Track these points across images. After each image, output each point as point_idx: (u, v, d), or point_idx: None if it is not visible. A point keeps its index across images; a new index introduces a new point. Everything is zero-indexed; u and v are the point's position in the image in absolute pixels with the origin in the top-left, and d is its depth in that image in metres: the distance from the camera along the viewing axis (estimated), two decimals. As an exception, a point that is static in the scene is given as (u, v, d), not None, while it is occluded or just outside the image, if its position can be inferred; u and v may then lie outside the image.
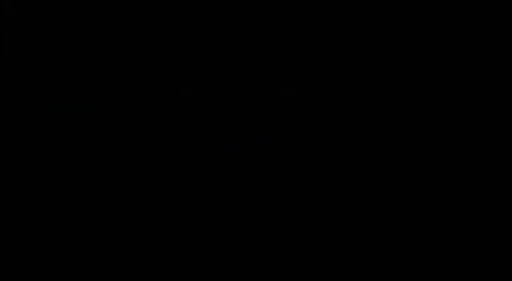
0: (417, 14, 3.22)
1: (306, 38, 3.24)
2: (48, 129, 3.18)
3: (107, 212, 3.14)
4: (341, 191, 3.16)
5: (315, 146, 3.19)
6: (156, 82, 3.23)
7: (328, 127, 3.20)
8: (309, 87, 3.22)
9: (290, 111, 3.21)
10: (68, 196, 3.15)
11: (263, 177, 3.17)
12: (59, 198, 3.14)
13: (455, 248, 3.09)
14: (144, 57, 3.23)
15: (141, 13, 3.24)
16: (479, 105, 3.19)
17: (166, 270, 3.10)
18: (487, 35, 3.21)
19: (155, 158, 3.18)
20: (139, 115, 3.20)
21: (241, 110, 3.22)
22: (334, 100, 3.21)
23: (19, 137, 3.18)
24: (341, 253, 3.11)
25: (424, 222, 3.12)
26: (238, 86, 3.23)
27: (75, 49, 3.23)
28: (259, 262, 3.11)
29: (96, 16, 3.23)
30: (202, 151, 3.19)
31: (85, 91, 3.22)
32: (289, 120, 3.20)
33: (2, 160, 3.16)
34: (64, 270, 3.08)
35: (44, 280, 3.08)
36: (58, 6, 3.23)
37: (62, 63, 3.22)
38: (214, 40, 3.24)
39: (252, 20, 3.24)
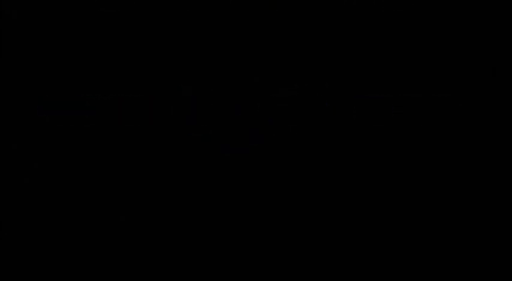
0: (417, 14, 3.22)
1: (305, 38, 3.24)
2: (48, 129, 3.18)
3: (107, 212, 3.14)
4: (341, 191, 3.16)
5: (315, 146, 3.19)
6: (156, 82, 3.23)
7: (328, 127, 3.19)
8: (309, 87, 3.22)
9: (290, 111, 3.21)
10: (68, 196, 3.15)
11: (263, 177, 3.17)
12: (59, 198, 3.14)
13: (455, 248, 3.09)
14: (144, 57, 3.23)
15: (141, 13, 3.24)
16: (479, 105, 3.19)
17: (166, 270, 3.10)
18: (487, 35, 3.21)
19: (155, 158, 3.18)
20: (139, 115, 3.20)
21: (241, 110, 3.22)
22: (334, 100, 3.21)
23: (19, 137, 3.18)
24: (341, 253, 3.11)
25: (424, 222, 3.12)
26: (238, 86, 3.23)
27: (75, 49, 3.23)
28: (259, 261, 3.11)
29: (96, 16, 3.23)
30: (202, 151, 3.18)
31: (85, 91, 3.22)
32: (289, 120, 3.20)
33: (2, 160, 3.16)
34: (64, 270, 3.08)
35: (44, 280, 3.08)
36: (58, 6, 3.23)
37: (62, 63, 3.22)
38: (214, 40, 3.24)
39: (252, 20, 3.24)
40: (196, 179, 3.17)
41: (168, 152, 3.18)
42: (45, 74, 3.22)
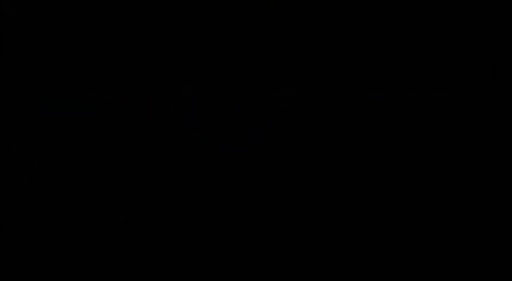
0: (417, 14, 3.22)
1: (305, 38, 3.24)
2: (48, 129, 3.18)
3: (107, 212, 3.14)
4: (341, 191, 3.16)
5: (315, 146, 3.19)
6: (156, 82, 3.23)
7: (328, 127, 3.20)
8: (309, 87, 3.22)
9: (290, 111, 3.21)
10: (68, 196, 3.15)
11: (263, 177, 3.17)
12: (59, 198, 3.14)
13: (455, 248, 3.10)
14: (144, 57, 3.23)
15: (141, 13, 3.24)
16: (479, 105, 3.19)
17: (166, 270, 3.10)
18: (487, 35, 3.21)
19: (155, 158, 3.18)
20: (139, 115, 3.20)
21: (241, 110, 3.22)
22: (334, 100, 3.21)
23: (19, 137, 3.18)
24: (341, 253, 3.11)
25: (424, 222, 3.12)
26: (238, 86, 3.23)
27: (75, 49, 3.23)
28: (259, 261, 3.11)
29: (96, 16, 3.23)
30: (202, 151, 3.19)
31: (85, 91, 3.22)
32: (289, 120, 3.20)
33: (2, 160, 3.16)
34: (64, 270, 3.08)
35: (44, 280, 3.08)
36: (58, 6, 3.23)
37: (62, 63, 3.22)
38: (214, 40, 3.24)
39: (252, 20, 3.24)
40: (196, 179, 3.17)
41: (168, 152, 3.18)
42: (45, 74, 3.22)
